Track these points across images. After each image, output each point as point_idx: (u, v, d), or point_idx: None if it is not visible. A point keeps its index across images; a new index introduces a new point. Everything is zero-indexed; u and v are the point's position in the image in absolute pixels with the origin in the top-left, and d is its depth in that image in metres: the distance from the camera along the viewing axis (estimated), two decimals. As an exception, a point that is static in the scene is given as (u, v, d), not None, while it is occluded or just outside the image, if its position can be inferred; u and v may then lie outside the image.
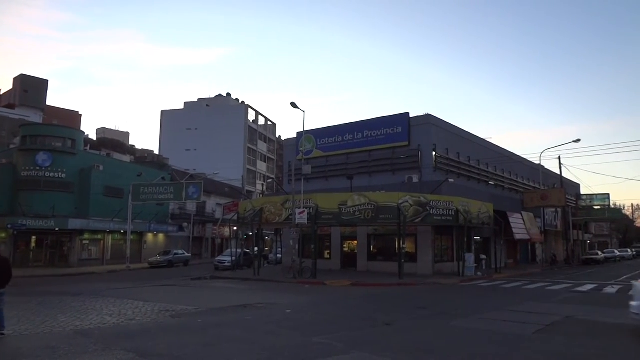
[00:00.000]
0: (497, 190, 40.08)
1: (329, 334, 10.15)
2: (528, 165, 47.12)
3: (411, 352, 8.72)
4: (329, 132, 37.40)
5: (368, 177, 34.34)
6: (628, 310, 10.59)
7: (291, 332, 10.52)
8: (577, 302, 16.56)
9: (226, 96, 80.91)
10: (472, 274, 27.83)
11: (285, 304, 15.50)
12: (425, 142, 32.44)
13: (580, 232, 56.21)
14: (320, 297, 18.13)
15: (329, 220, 26.95)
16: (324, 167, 36.93)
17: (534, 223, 42.07)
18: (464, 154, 36.07)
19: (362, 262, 31.83)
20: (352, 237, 33.04)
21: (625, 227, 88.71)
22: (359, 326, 11.44)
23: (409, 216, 25.53)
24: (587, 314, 13.53)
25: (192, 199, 39.84)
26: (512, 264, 40.37)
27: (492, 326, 11.49)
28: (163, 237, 49.43)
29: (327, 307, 15.44)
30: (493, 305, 15.59)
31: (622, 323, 12.02)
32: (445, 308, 14.83)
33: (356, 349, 8.73)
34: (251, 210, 29.88)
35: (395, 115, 34.21)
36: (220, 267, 35.09)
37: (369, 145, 34.88)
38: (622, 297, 18.56)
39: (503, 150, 43.66)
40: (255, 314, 13.31)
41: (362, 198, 25.96)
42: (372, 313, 13.87)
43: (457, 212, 27.06)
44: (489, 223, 31.01)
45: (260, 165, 77.51)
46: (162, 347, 8.99)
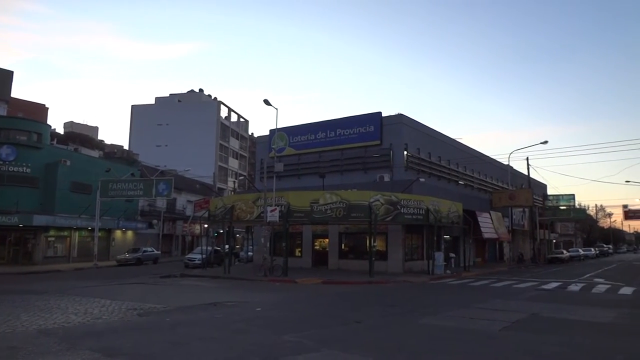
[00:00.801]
0: (467, 190, 40.73)
1: (299, 332, 10.14)
2: (497, 165, 48.01)
3: (381, 349, 8.79)
4: (302, 130, 37.37)
5: (340, 176, 34.46)
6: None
7: (261, 330, 10.48)
8: (542, 299, 16.95)
9: (198, 92, 79.93)
10: (442, 272, 28.21)
11: (256, 302, 15.43)
12: (397, 141, 32.73)
13: (547, 232, 57.57)
14: (290, 295, 18.11)
15: (301, 218, 26.94)
16: (296, 165, 36.90)
17: (502, 222, 42.92)
18: (434, 153, 36.54)
19: (333, 260, 31.92)
20: (323, 235, 33.10)
21: (589, 226, 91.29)
22: (329, 324, 11.47)
23: (380, 215, 25.72)
24: (551, 311, 13.86)
25: (162, 196, 39.28)
26: (481, 262, 41.10)
27: (460, 323, 11.67)
28: (132, 235, 48.61)
29: (297, 305, 15.43)
30: (461, 302, 15.84)
31: (585, 320, 12.38)
32: (414, 306, 15.00)
33: (326, 347, 8.75)
34: (222, 207, 29.63)
35: (367, 115, 34.41)
36: (190, 264, 34.71)
37: (341, 143, 35.01)
38: (585, 294, 19.13)
39: (473, 150, 44.41)
40: (225, 312, 13.20)
41: (334, 196, 26.03)
42: (343, 311, 13.93)
43: (427, 211, 27.38)
44: (458, 222, 31.48)
45: (232, 162, 76.92)
46: (129, 346, 8.83)
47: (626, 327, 11.58)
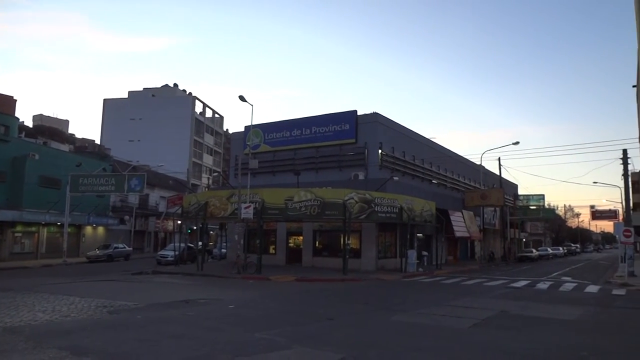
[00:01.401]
0: (440, 189, 41.21)
1: (272, 329, 10.14)
2: (470, 165, 48.69)
3: (353, 346, 8.85)
4: (277, 127, 37.28)
5: (315, 173, 34.49)
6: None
7: (233, 328, 10.43)
8: (511, 297, 17.28)
9: (173, 87, 78.96)
10: (414, 270, 28.50)
11: (229, 300, 15.35)
12: (371, 140, 32.91)
13: (517, 231, 58.66)
14: (264, 292, 18.07)
15: (275, 215, 26.88)
16: (271, 162, 36.79)
17: (474, 221, 43.57)
18: (409, 152, 36.86)
19: (307, 257, 31.93)
20: (297, 232, 33.08)
21: (558, 226, 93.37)
22: (302, 321, 11.49)
23: (354, 213, 25.84)
24: (520, 308, 14.16)
25: (134, 191, 38.71)
26: (452, 260, 41.66)
27: (432, 320, 11.82)
28: (103, 231, 47.78)
29: (270, 302, 15.40)
30: (433, 300, 16.05)
31: (552, 317, 12.67)
32: (387, 303, 15.13)
33: (298, 344, 8.77)
34: (196, 203, 29.37)
35: (343, 113, 34.51)
36: (162, 261, 34.32)
37: (316, 141, 35.04)
38: (553, 292, 19.59)
39: (446, 150, 44.94)
40: (198, 310, 13.10)
41: (309, 194, 26.04)
42: (316, 308, 13.97)
43: (401, 209, 27.62)
44: (431, 221, 31.84)
45: (207, 158, 76.23)
46: (98, 344, 8.69)
47: (591, 324, 11.90)
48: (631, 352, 8.87)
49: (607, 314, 13.98)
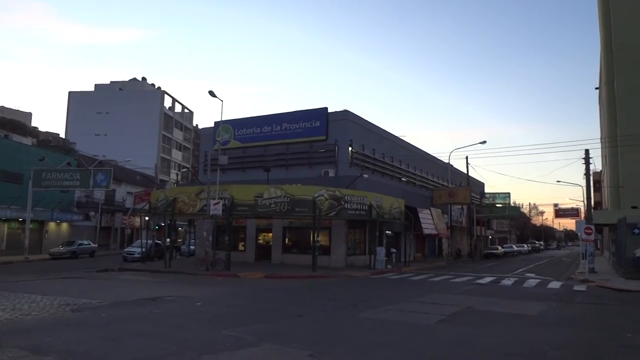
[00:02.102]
0: (409, 186, 41.69)
1: (240, 327, 10.08)
2: (438, 163, 49.39)
3: (320, 342, 8.87)
4: (247, 123, 37.07)
5: (285, 170, 34.45)
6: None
7: (201, 325, 10.33)
8: (477, 293, 17.63)
9: (141, 80, 77.53)
10: (383, 266, 28.78)
11: (197, 297, 15.20)
12: (342, 137, 33.05)
13: (483, 228, 59.82)
14: (232, 289, 17.95)
15: (245, 212, 26.73)
16: (241, 158, 36.58)
17: (442, 219, 44.22)
18: (378, 150, 37.16)
19: (276, 254, 31.89)
20: (267, 229, 32.99)
21: (523, 224, 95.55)
22: (270, 318, 11.46)
23: (324, 210, 25.90)
24: (485, 304, 14.45)
25: (100, 187, 37.84)
26: (420, 257, 42.22)
27: (399, 317, 11.96)
28: (67, 227, 46.61)
29: (239, 299, 15.32)
30: (401, 296, 16.22)
31: (516, 313, 12.99)
32: (355, 300, 15.22)
33: (266, 341, 8.74)
34: (164, 199, 28.96)
35: (313, 110, 34.54)
36: (129, 258, 33.72)
37: (287, 138, 35.00)
38: (517, 288, 20.07)
39: (415, 148, 45.48)
40: (164, 307, 12.93)
41: (279, 190, 25.98)
42: (284, 305, 13.95)
43: (370, 206, 27.82)
44: (400, 218, 32.17)
45: (176, 153, 75.19)
46: (60, 343, 8.48)
47: (553, 319, 12.23)
48: (590, 345, 9.16)
49: (568, 309, 14.40)
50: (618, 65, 34.91)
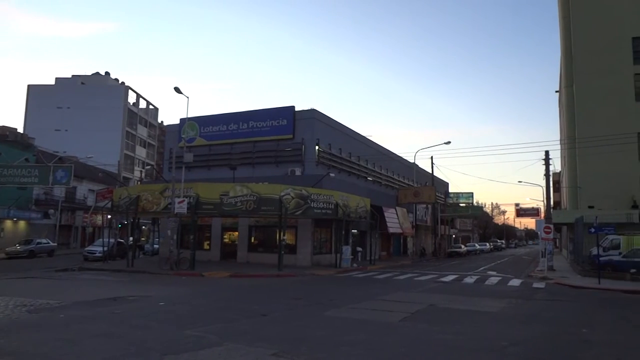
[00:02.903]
0: (375, 185, 42.04)
1: (203, 326, 9.97)
2: (404, 163, 49.97)
3: (285, 341, 8.86)
4: (214, 120, 36.68)
5: (251, 168, 34.25)
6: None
7: (163, 325, 10.17)
8: (440, 291, 17.93)
9: (104, 75, 75.69)
10: (349, 265, 28.95)
11: (160, 297, 14.95)
12: (309, 136, 33.07)
13: (447, 227, 60.85)
14: (196, 288, 17.74)
15: (210, 210, 26.43)
16: (207, 156, 36.19)
17: (407, 218, 44.78)
18: (345, 149, 37.33)
19: (242, 253, 31.68)
20: (233, 228, 32.73)
21: (485, 223, 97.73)
22: (235, 317, 11.37)
23: (290, 208, 25.86)
24: (448, 302, 14.71)
25: (60, 184, 36.73)
26: (386, 256, 42.64)
27: (363, 315, 12.05)
28: (25, 225, 45.11)
29: (203, 299, 15.14)
30: (366, 295, 16.34)
31: (477, 310, 13.27)
32: (320, 298, 15.25)
33: (230, 340, 8.67)
34: (127, 197, 28.37)
35: (280, 108, 34.43)
36: (90, 257, 32.88)
37: (253, 136, 34.79)
38: (479, 286, 20.50)
39: (382, 148, 45.88)
40: (126, 307, 12.67)
41: (245, 189, 25.80)
42: (249, 304, 13.87)
43: (336, 205, 27.93)
44: (365, 217, 32.41)
45: (140, 150, 73.75)
46: (16, 345, 8.22)
47: (512, 316, 12.55)
48: (547, 341, 9.43)
49: (527, 306, 14.80)
50: (577, 69, 36.08)
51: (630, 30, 34.62)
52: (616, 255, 24.86)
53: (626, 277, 22.01)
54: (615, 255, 24.83)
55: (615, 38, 34.77)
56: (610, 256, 24.80)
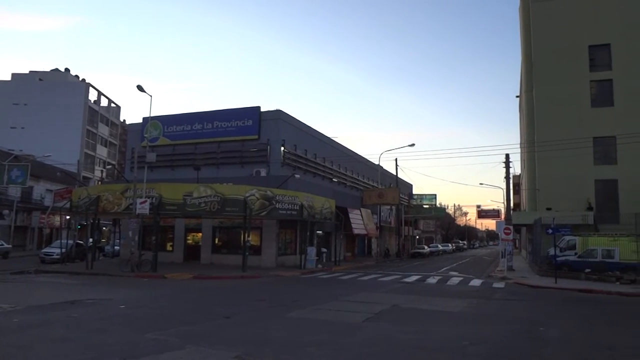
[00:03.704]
0: (340, 187, 42.23)
1: (165, 329, 9.79)
2: (368, 165, 50.38)
3: (248, 343, 8.79)
4: (178, 119, 36.15)
5: (216, 169, 33.91)
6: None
7: (123, 329, 9.94)
8: (403, 291, 18.15)
9: (64, 72, 73.48)
10: (313, 266, 28.99)
11: (120, 299, 14.61)
12: (274, 137, 32.96)
13: (411, 228, 61.69)
14: (158, 291, 17.43)
15: (173, 211, 26.02)
16: (170, 156, 35.64)
17: (371, 219, 45.16)
18: (311, 151, 37.38)
19: (206, 254, 31.32)
20: (196, 229, 32.33)
21: (448, 224, 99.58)
22: (197, 320, 11.22)
23: (255, 209, 25.72)
24: (411, 302, 14.91)
25: (15, 183, 35.63)
26: (350, 257, 42.87)
27: (327, 316, 12.08)
28: (-23, 226, 43.39)
29: (165, 301, 14.88)
30: (330, 296, 16.38)
31: (439, 310, 13.48)
32: (284, 300, 15.21)
33: (192, 343, 8.55)
34: (86, 198, 27.64)
35: (246, 108, 34.22)
36: (47, 260, 31.84)
37: (218, 136, 34.45)
38: (441, 286, 20.85)
39: (347, 149, 46.13)
40: (84, 311, 12.32)
41: (209, 190, 25.51)
42: (212, 306, 13.72)
43: (301, 206, 27.93)
44: (330, 218, 32.53)
45: (101, 150, 71.91)
46: (-35, 351, 7.88)
47: (473, 315, 12.82)
48: (506, 340, 9.66)
49: (487, 305, 15.13)
50: (537, 75, 37.20)
51: (587, 39, 35.91)
52: (572, 255, 25.70)
53: (581, 276, 22.78)
54: (571, 256, 25.67)
55: (573, 46, 36.02)
56: (566, 256, 25.64)
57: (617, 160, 34.22)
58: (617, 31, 35.25)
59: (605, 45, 35.63)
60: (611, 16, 35.53)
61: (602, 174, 34.35)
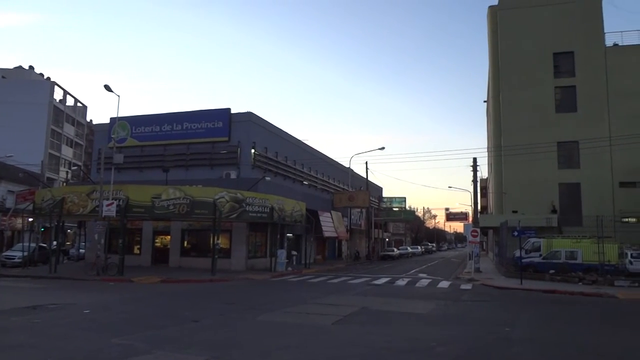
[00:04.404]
0: (310, 190, 42.25)
1: (131, 334, 9.60)
2: (339, 167, 50.57)
3: (216, 347, 8.70)
4: (146, 120, 35.59)
5: (185, 171, 33.51)
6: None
7: (87, 334, 9.70)
8: (373, 294, 18.26)
9: (28, 69, 71.52)
10: (283, 269, 28.89)
11: (84, 304, 14.26)
12: (245, 139, 32.79)
13: (381, 231, 62.15)
14: (125, 295, 17.08)
15: (141, 213, 25.58)
16: (139, 157, 35.06)
17: (342, 222, 45.30)
18: (281, 153, 37.30)
19: (174, 257, 30.88)
20: (165, 231, 31.85)
21: (417, 227, 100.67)
22: (165, 324, 11.04)
23: (225, 212, 25.50)
24: (380, 304, 15.01)
25: (-25, 185, 34.35)
26: (320, 259, 42.91)
27: (297, 319, 12.06)
28: None
29: (131, 305, 14.59)
30: (300, 299, 16.36)
31: (408, 312, 13.61)
32: (254, 303, 15.12)
33: (159, 348, 8.40)
34: (50, 199, 26.91)
35: (216, 110, 33.96)
36: (8, 263, 30.81)
37: (188, 137, 34.08)
38: (410, 288, 21.06)
39: (318, 152, 46.21)
40: (47, 316, 11.98)
41: (178, 192, 25.17)
42: (180, 310, 13.53)
43: (272, 209, 27.82)
44: (301, 221, 32.49)
45: (66, 150, 70.16)
46: None
47: (440, 317, 12.98)
48: (473, 340, 9.82)
49: (455, 307, 15.34)
50: (503, 81, 38.06)
51: (552, 46, 36.96)
52: (537, 257, 26.33)
53: (545, 277, 23.35)
54: (536, 257, 26.30)
55: (539, 53, 37.03)
56: (531, 258, 26.25)
57: (579, 165, 35.27)
58: (580, 40, 36.39)
59: (569, 53, 36.75)
60: (574, 25, 36.67)
61: (566, 177, 35.35)
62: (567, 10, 37.15)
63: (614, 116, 34.72)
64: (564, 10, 37.24)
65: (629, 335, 11.07)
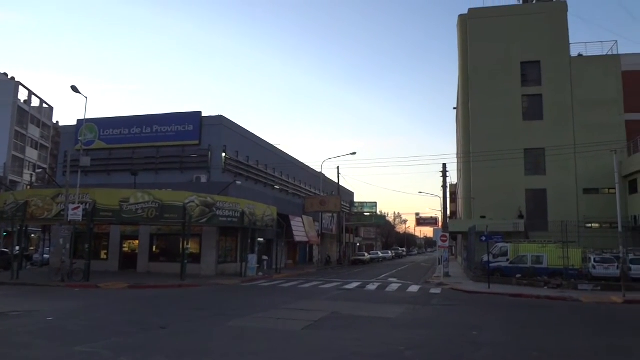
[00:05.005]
0: (282, 194, 42.17)
1: (96, 342, 9.38)
2: (310, 172, 50.64)
3: (185, 354, 8.57)
4: (115, 123, 34.98)
5: (155, 174, 33.04)
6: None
7: (50, 343, 9.43)
8: (343, 298, 18.29)
9: (-10, 70, 69.47)
10: (254, 274, 28.71)
11: (48, 311, 13.87)
12: (216, 142, 32.55)
13: (352, 236, 62.35)
14: (91, 301, 16.69)
15: (108, 217, 25.07)
16: (107, 160, 34.43)
17: (313, 226, 45.32)
18: (253, 157, 37.13)
19: (142, 262, 30.36)
20: (133, 236, 31.28)
21: (388, 231, 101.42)
22: (131, 331, 10.82)
23: (195, 216, 25.21)
24: (350, 309, 15.04)
25: None
26: (292, 264, 42.82)
27: (267, 324, 11.99)
28: None
29: (97, 312, 14.26)
30: (270, 304, 16.26)
31: (377, 316, 13.68)
32: (224, 309, 14.97)
33: (125, 356, 8.23)
34: (13, 203, 26.14)
35: (187, 113, 33.63)
36: (-33, 269, 29.82)
37: (157, 140, 33.64)
38: (380, 293, 21.18)
39: (289, 157, 46.20)
40: (8, 324, 11.60)
41: (147, 196, 24.78)
42: (148, 317, 13.28)
43: (242, 214, 27.64)
44: (272, 225, 32.36)
45: (30, 152, 68.30)
46: None
47: (410, 321, 13.09)
48: (441, 344, 9.94)
49: (424, 311, 15.50)
50: (472, 88, 38.78)
51: (519, 55, 37.89)
52: (504, 261, 26.85)
53: (512, 281, 23.81)
54: (503, 262, 26.82)
55: (507, 62, 37.91)
56: (499, 263, 26.75)
57: (545, 171, 36.17)
58: (546, 50, 37.40)
59: (535, 62, 37.72)
60: (541, 35, 37.68)
61: (533, 183, 36.20)
62: (534, 21, 38.17)
63: (579, 124, 35.75)
64: (531, 20, 38.26)
65: (591, 337, 11.38)
